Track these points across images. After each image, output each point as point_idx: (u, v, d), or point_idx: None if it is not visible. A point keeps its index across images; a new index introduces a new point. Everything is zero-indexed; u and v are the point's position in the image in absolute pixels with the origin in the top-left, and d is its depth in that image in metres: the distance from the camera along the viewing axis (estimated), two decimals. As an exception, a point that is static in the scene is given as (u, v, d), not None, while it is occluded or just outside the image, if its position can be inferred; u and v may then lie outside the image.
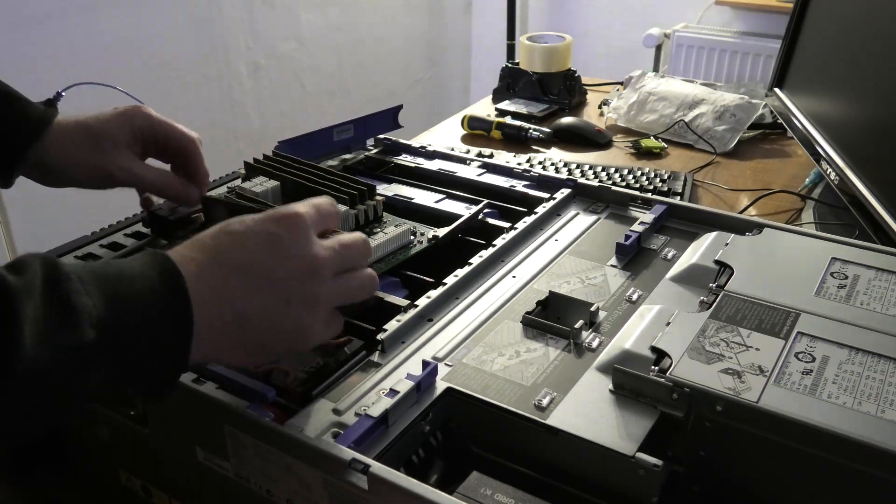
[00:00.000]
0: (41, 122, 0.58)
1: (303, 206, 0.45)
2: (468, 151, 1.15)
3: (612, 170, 1.09)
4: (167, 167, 0.65)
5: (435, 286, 0.58)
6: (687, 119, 1.23)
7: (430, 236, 0.64)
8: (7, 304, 0.34)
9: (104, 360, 0.36)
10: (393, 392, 0.45)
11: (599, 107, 1.38)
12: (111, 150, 0.59)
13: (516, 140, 1.25)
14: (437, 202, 0.72)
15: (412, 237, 0.64)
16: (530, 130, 1.24)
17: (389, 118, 0.87)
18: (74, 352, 0.35)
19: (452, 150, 0.85)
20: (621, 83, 1.42)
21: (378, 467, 0.39)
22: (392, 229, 0.62)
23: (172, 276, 0.39)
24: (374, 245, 0.58)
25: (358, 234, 0.47)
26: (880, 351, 0.47)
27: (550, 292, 0.57)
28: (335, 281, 0.44)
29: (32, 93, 0.60)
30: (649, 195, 0.72)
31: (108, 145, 0.59)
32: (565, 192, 0.73)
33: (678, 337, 0.48)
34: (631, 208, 0.72)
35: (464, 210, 0.69)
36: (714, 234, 0.63)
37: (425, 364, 0.47)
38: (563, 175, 0.76)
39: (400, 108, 0.87)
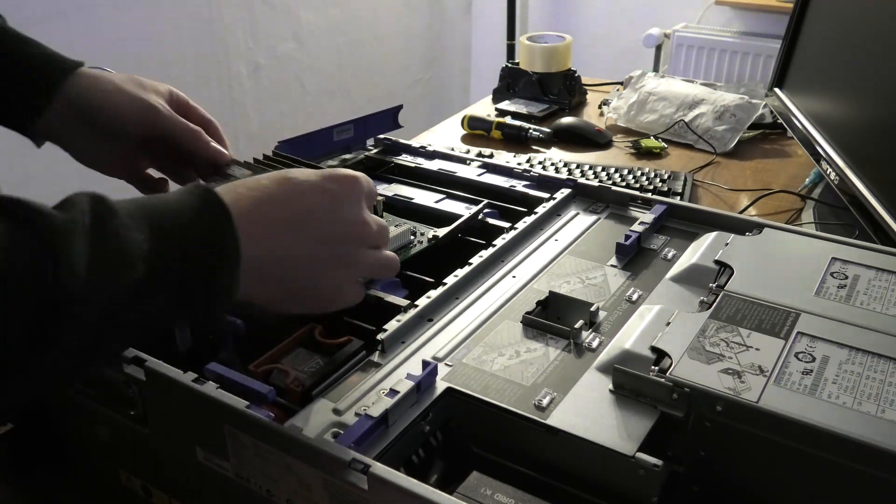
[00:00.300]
0: (74, 62, 0.58)
1: (358, 174, 0.48)
2: (468, 151, 1.15)
3: (612, 170, 1.09)
4: None
5: (435, 286, 0.58)
6: (687, 119, 1.23)
7: (430, 236, 0.64)
8: (56, 242, 0.34)
9: (155, 292, 0.37)
10: (393, 392, 0.45)
11: (599, 107, 1.38)
12: (153, 94, 0.60)
13: (516, 140, 1.25)
14: (437, 202, 0.72)
15: (412, 237, 0.64)
16: (530, 130, 1.24)
17: (389, 118, 0.87)
18: (126, 286, 0.36)
19: (452, 150, 0.85)
20: (621, 83, 1.42)
21: (378, 467, 0.39)
22: (392, 229, 0.62)
23: (218, 211, 0.40)
24: None
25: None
26: (880, 351, 0.47)
27: (550, 292, 0.57)
28: (370, 252, 0.47)
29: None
30: (649, 195, 0.72)
31: (149, 87, 0.60)
32: (565, 192, 0.73)
33: (678, 337, 0.48)
34: (631, 208, 0.72)
35: (464, 210, 0.69)
36: (714, 234, 0.63)
37: (425, 364, 0.47)
38: (563, 175, 0.76)
39: (400, 108, 0.87)
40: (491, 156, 1.11)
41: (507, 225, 0.68)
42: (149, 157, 0.64)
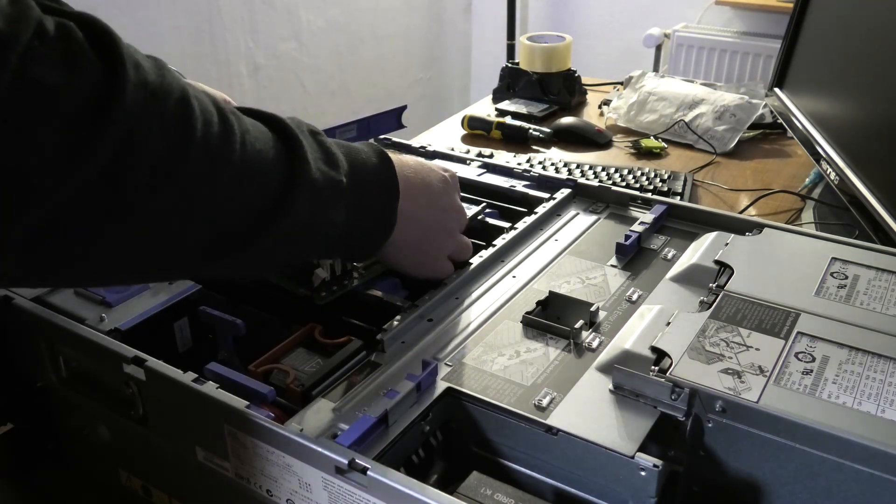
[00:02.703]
0: None
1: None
2: (468, 151, 1.15)
3: (612, 170, 1.09)
4: None
5: (435, 286, 0.58)
6: (687, 119, 1.23)
7: (430, 236, 0.64)
8: (292, 133, 0.43)
9: (348, 201, 0.45)
10: (393, 392, 0.45)
11: (599, 107, 1.38)
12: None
13: (516, 140, 1.25)
14: (437, 202, 0.72)
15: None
16: (530, 130, 1.24)
17: (393, 118, 0.87)
18: (334, 183, 0.44)
19: (452, 150, 0.85)
20: (621, 83, 1.42)
21: (378, 467, 0.39)
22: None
23: (384, 155, 0.50)
24: None
25: None
26: (880, 351, 0.47)
27: (550, 292, 0.57)
28: (459, 233, 0.58)
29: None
30: (649, 195, 0.72)
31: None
32: (565, 192, 0.73)
33: (678, 337, 0.48)
34: (631, 208, 0.72)
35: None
36: (714, 234, 0.63)
37: (425, 364, 0.47)
38: (563, 175, 0.76)
39: (404, 108, 0.87)
40: (491, 156, 1.11)
41: (507, 225, 0.68)
42: None
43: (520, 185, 0.75)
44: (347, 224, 0.46)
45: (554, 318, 0.56)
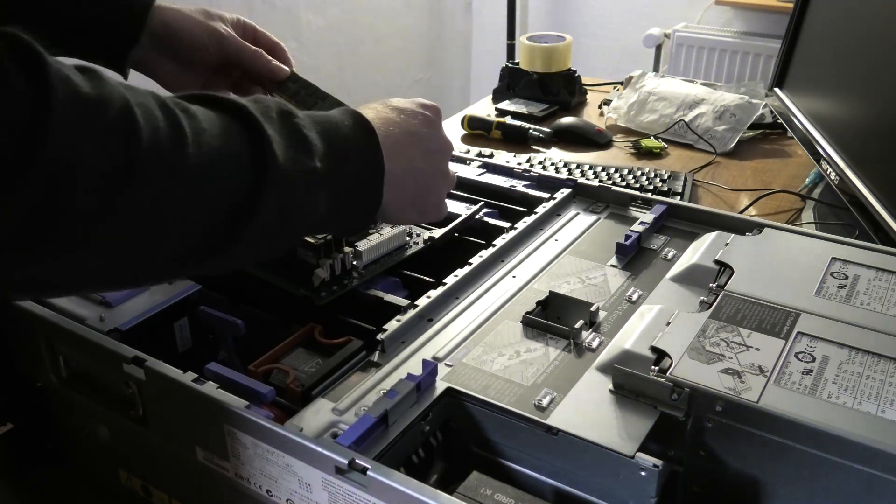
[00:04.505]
0: None
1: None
2: (468, 151, 1.15)
3: (612, 170, 1.09)
4: None
5: (435, 286, 0.58)
6: (687, 119, 1.23)
7: (427, 237, 0.64)
8: (257, 124, 0.40)
9: (327, 184, 0.44)
10: (393, 392, 0.45)
11: (599, 107, 1.38)
12: (220, 23, 0.67)
13: (516, 140, 1.25)
14: (437, 202, 0.72)
15: (408, 238, 0.63)
16: (530, 130, 1.24)
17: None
18: (308, 171, 0.42)
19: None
20: (621, 83, 1.42)
21: (378, 467, 0.39)
22: (388, 230, 0.62)
23: (367, 126, 0.48)
24: (370, 246, 0.58)
25: None
26: (880, 351, 0.47)
27: (550, 292, 0.57)
28: (449, 166, 0.56)
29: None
30: (649, 195, 0.72)
31: (217, 18, 0.67)
32: (565, 192, 0.73)
33: (678, 337, 0.48)
34: (631, 208, 0.72)
35: (463, 210, 0.69)
36: (714, 234, 0.63)
37: (425, 364, 0.47)
38: (563, 175, 0.76)
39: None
40: (491, 156, 1.11)
41: (507, 225, 0.68)
42: (227, 81, 0.70)
43: (520, 185, 0.75)
44: (329, 210, 0.45)
45: (554, 318, 0.56)
